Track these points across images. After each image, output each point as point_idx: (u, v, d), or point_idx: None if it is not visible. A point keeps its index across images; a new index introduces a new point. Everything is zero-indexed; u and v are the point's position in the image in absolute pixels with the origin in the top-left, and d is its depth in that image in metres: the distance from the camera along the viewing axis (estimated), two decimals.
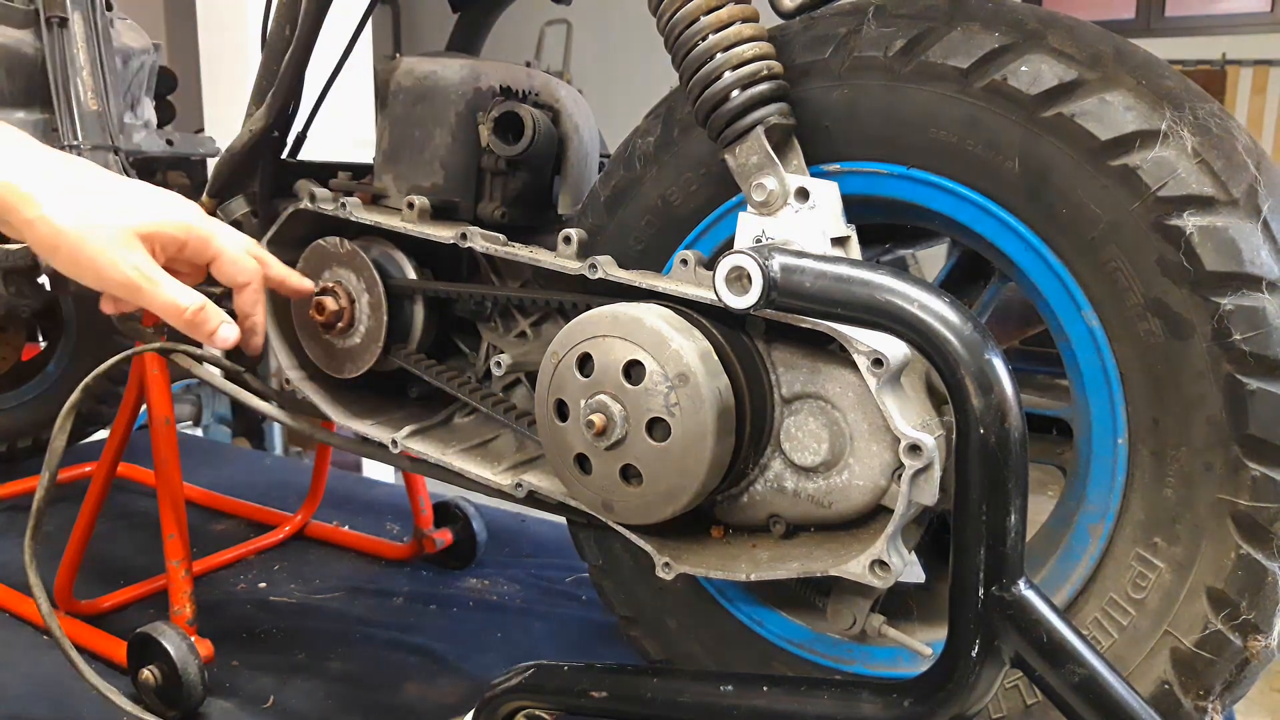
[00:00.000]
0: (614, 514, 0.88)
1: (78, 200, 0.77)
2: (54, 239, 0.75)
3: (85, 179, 0.79)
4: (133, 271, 0.78)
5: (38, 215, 0.75)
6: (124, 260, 0.78)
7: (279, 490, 1.95)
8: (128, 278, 0.78)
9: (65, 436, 1.20)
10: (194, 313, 0.81)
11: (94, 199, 0.78)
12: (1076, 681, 0.66)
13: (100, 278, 0.78)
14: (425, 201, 1.05)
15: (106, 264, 0.77)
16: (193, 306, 0.81)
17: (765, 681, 0.82)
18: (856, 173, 0.85)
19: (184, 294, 0.81)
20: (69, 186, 0.77)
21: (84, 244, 0.76)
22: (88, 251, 0.76)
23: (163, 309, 0.80)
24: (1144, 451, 0.78)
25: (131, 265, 0.78)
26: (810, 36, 0.85)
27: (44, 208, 0.75)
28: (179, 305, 0.80)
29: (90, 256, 0.76)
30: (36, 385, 2.07)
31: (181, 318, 0.81)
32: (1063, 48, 0.76)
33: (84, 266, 0.77)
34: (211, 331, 0.82)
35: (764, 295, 0.70)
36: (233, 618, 1.41)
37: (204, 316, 0.82)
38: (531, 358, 1.06)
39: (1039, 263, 0.79)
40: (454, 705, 1.19)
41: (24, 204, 0.75)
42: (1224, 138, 0.74)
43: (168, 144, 1.76)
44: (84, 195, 0.78)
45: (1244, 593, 0.74)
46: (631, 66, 2.71)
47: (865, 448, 0.83)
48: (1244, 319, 0.71)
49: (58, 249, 0.76)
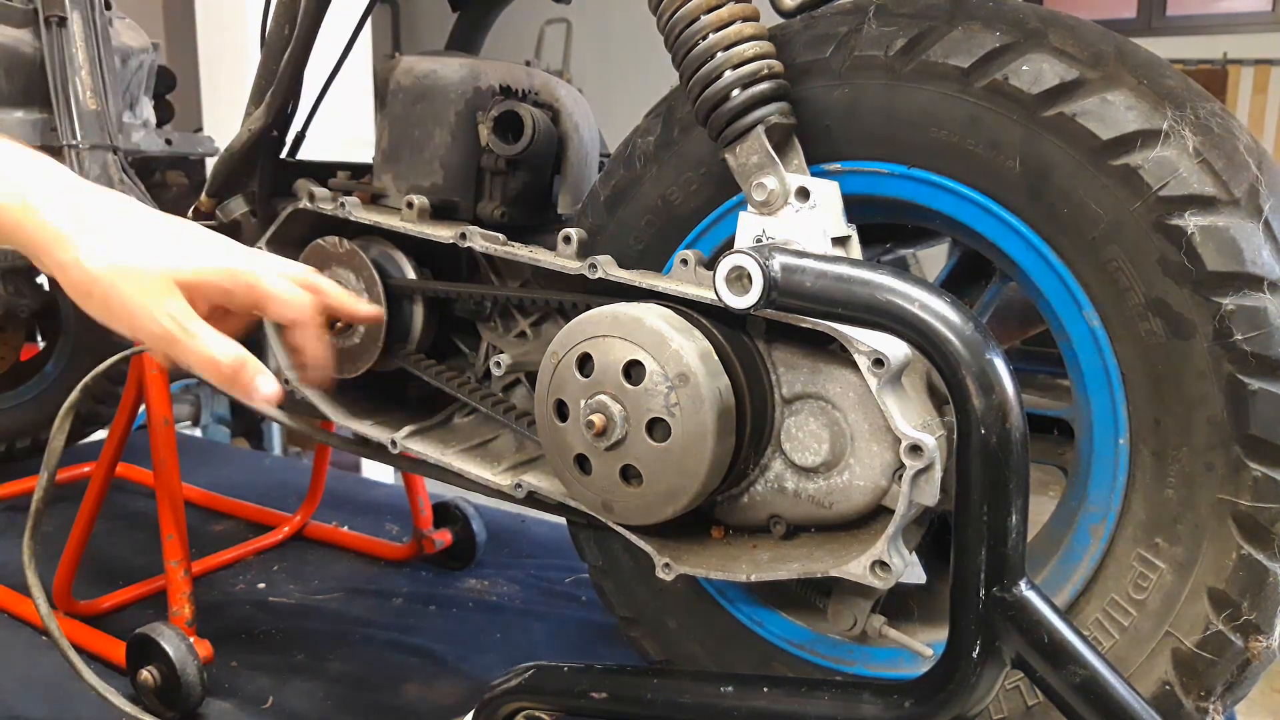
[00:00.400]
0: (614, 514, 0.88)
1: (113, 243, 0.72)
2: (87, 285, 0.71)
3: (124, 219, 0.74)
4: (168, 321, 0.72)
5: (72, 259, 0.70)
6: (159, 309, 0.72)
7: (278, 491, 1.95)
8: (163, 328, 0.72)
9: (64, 436, 1.20)
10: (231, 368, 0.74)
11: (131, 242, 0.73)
12: (1078, 682, 0.66)
13: (134, 327, 0.72)
14: (425, 201, 1.05)
15: (140, 312, 0.71)
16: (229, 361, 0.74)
17: (765, 682, 0.82)
18: (857, 172, 0.85)
19: (221, 347, 0.74)
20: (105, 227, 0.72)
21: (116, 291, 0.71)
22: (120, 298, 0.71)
23: (198, 364, 0.74)
24: (1145, 452, 0.78)
25: (167, 314, 0.72)
26: (811, 35, 0.85)
27: (79, 251, 0.70)
28: (216, 360, 0.73)
29: (123, 304, 0.71)
30: (35, 385, 2.07)
31: (218, 372, 0.74)
32: (1064, 47, 0.76)
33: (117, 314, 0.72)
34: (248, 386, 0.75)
35: (764, 295, 0.70)
36: (232, 618, 1.41)
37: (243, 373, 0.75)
38: (531, 358, 1.05)
39: (1040, 262, 0.79)
40: (454, 706, 1.19)
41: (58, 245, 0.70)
42: (1225, 137, 0.73)
43: (166, 143, 1.76)
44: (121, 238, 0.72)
45: (1245, 593, 0.74)
46: (631, 66, 2.70)
47: (866, 448, 0.83)
48: (1245, 319, 0.71)
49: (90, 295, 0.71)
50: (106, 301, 0.71)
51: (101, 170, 1.54)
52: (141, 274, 0.72)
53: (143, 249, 0.73)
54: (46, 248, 0.71)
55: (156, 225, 0.75)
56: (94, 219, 0.72)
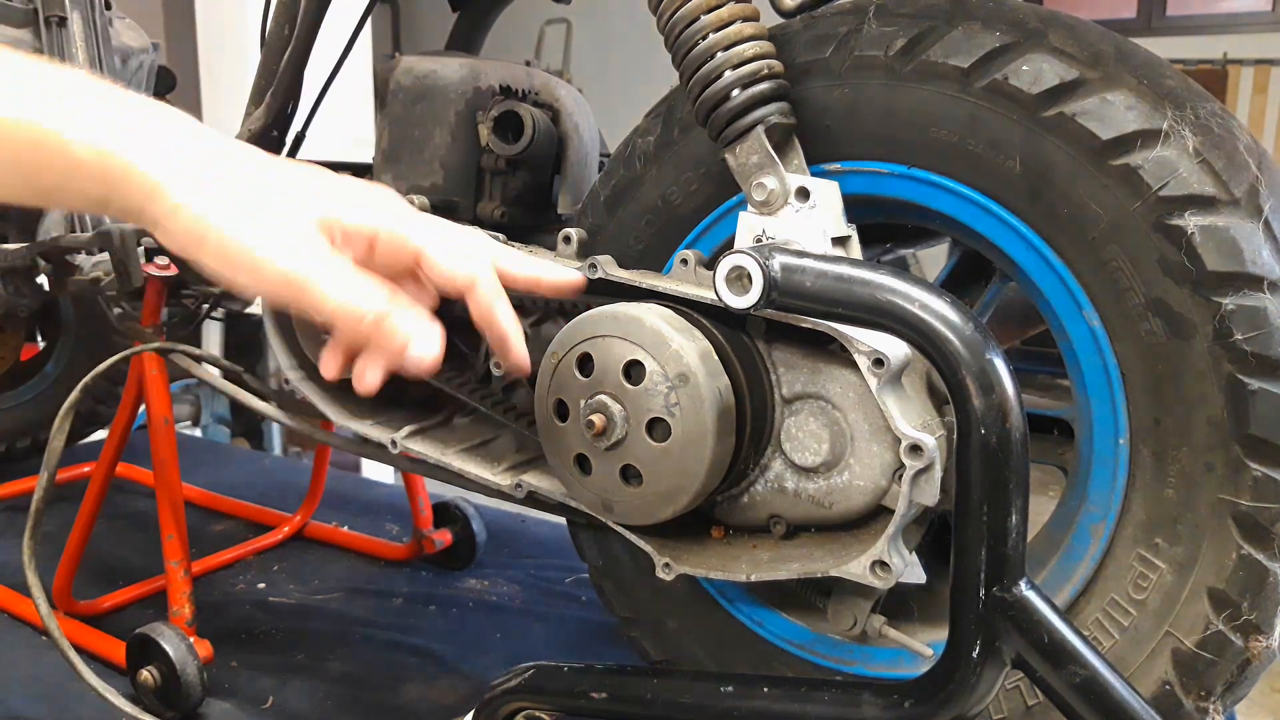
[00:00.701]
0: (614, 514, 0.88)
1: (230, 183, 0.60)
2: (198, 228, 0.59)
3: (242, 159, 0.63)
4: (299, 264, 0.59)
5: (172, 206, 0.59)
6: (290, 249, 0.59)
7: (278, 490, 1.95)
8: (291, 271, 0.59)
9: (64, 437, 1.20)
10: (376, 320, 0.60)
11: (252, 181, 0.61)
12: (1078, 682, 0.66)
13: (257, 273, 0.59)
14: (425, 201, 1.05)
15: (265, 255, 0.58)
16: (372, 310, 0.60)
17: (765, 682, 0.82)
18: (857, 172, 0.85)
19: (364, 294, 0.60)
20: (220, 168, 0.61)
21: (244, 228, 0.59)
22: (245, 240, 0.59)
23: (336, 311, 0.60)
24: (1145, 452, 0.78)
25: (297, 255, 0.59)
26: (811, 35, 0.85)
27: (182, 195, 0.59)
28: (356, 309, 0.60)
29: (248, 247, 0.58)
30: (35, 385, 2.07)
31: (359, 326, 0.60)
32: (1064, 47, 0.76)
33: (237, 259, 0.59)
34: (402, 347, 0.61)
35: (764, 295, 0.70)
36: (232, 618, 1.41)
37: (390, 325, 0.60)
38: (531, 358, 1.05)
39: (1040, 262, 0.79)
40: (454, 706, 1.19)
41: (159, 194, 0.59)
42: (1225, 137, 0.73)
43: None
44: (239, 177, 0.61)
45: (1245, 593, 0.74)
46: (631, 66, 2.70)
47: (866, 448, 0.83)
48: (1245, 319, 0.71)
49: (204, 239, 0.59)
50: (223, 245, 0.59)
51: None
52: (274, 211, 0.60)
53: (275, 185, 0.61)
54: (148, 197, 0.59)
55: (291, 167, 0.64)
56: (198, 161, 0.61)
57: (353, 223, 0.62)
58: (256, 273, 0.59)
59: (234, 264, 0.59)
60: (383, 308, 0.60)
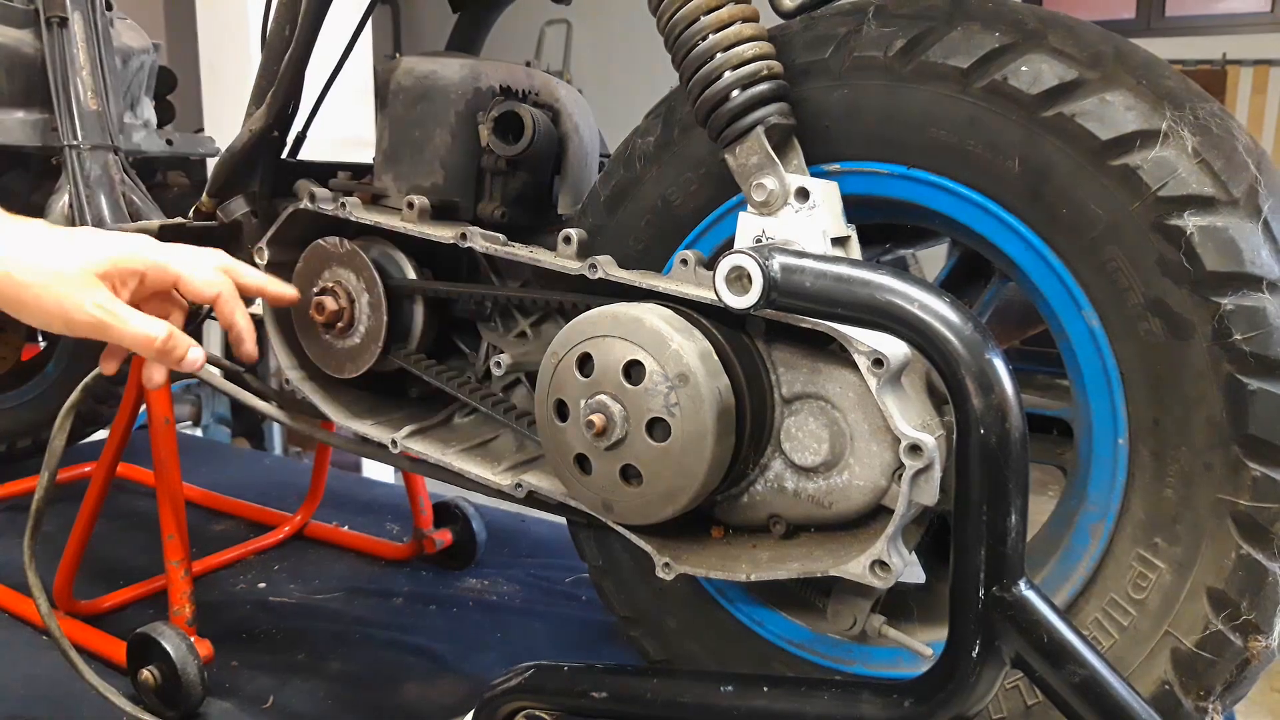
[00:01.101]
0: (614, 514, 0.88)
1: (33, 252, 0.80)
2: (17, 292, 0.79)
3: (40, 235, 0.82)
4: (97, 310, 0.80)
5: (2, 274, 0.78)
6: (88, 301, 0.80)
7: (278, 490, 1.95)
8: (94, 317, 0.80)
9: (65, 436, 1.20)
10: (163, 340, 0.83)
11: (48, 249, 0.81)
12: (1077, 682, 0.66)
13: (69, 321, 0.80)
14: (425, 201, 1.05)
15: (72, 307, 0.80)
16: (161, 336, 0.83)
17: (765, 682, 0.82)
18: (857, 173, 0.85)
19: (150, 325, 0.83)
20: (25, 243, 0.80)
21: (47, 292, 0.79)
22: (52, 299, 0.79)
23: (133, 342, 0.83)
24: (1144, 451, 0.78)
25: (95, 304, 0.80)
26: (810, 36, 0.85)
27: (6, 264, 0.78)
28: (147, 335, 0.83)
29: (56, 302, 0.79)
30: (36, 385, 2.07)
31: (152, 347, 0.83)
32: (1063, 47, 0.76)
33: (51, 314, 0.79)
34: (181, 355, 0.85)
35: (764, 295, 0.70)
36: (232, 618, 1.41)
37: (173, 343, 0.84)
38: (531, 358, 1.06)
39: (1039, 262, 0.79)
40: (454, 705, 1.19)
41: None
42: (1224, 138, 0.73)
43: (167, 144, 1.76)
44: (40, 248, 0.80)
45: (1244, 593, 0.74)
46: (631, 66, 2.72)
47: (865, 448, 0.83)
48: (1244, 319, 0.71)
49: (23, 303, 0.79)
50: (39, 305, 0.79)
51: (102, 170, 1.54)
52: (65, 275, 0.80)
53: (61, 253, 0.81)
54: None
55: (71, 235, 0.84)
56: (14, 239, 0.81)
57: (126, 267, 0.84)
58: (68, 325, 0.81)
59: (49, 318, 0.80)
60: (165, 334, 0.84)
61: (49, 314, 0.80)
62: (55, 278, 0.79)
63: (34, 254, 0.80)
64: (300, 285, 1.12)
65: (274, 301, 1.03)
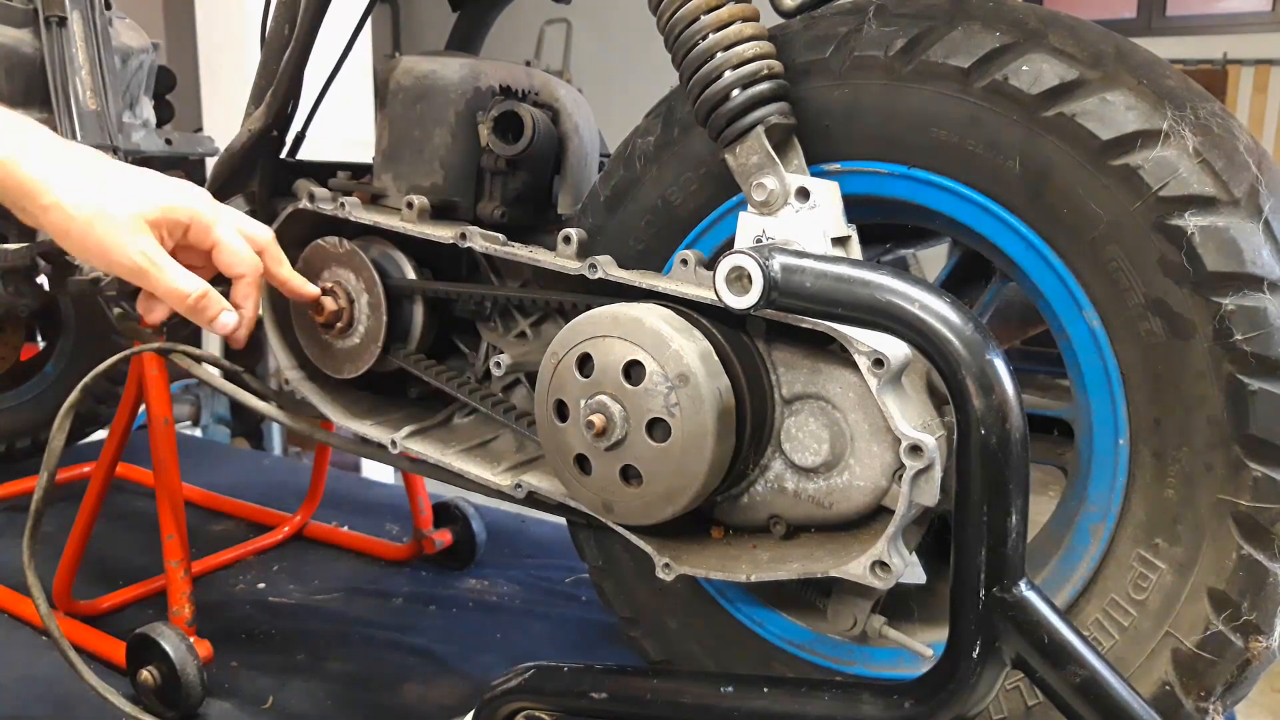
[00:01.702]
0: (614, 515, 0.88)
1: (88, 188, 0.80)
2: (65, 225, 0.79)
3: (96, 167, 0.82)
4: (139, 256, 0.81)
5: (52, 202, 0.78)
6: (131, 245, 0.81)
7: (278, 491, 1.95)
8: (134, 262, 0.81)
9: (64, 436, 1.20)
10: (196, 298, 0.84)
11: (104, 186, 0.81)
12: (1078, 683, 0.66)
13: (108, 261, 0.81)
14: (425, 201, 1.05)
15: (114, 249, 0.80)
16: (195, 292, 0.84)
17: (765, 682, 0.82)
18: (857, 172, 0.85)
19: (187, 280, 0.84)
20: (80, 174, 0.80)
21: (93, 229, 0.79)
22: (96, 237, 0.79)
23: (166, 294, 0.83)
24: (1145, 452, 0.78)
25: (138, 250, 0.81)
26: (811, 36, 0.85)
27: (58, 194, 0.78)
28: (181, 290, 0.83)
29: (98, 241, 0.80)
30: (35, 385, 2.07)
31: (184, 303, 0.84)
32: (1064, 47, 0.76)
33: (93, 251, 0.80)
34: (212, 317, 0.86)
35: (764, 295, 0.70)
36: (232, 618, 1.41)
37: (206, 303, 0.85)
38: (531, 358, 1.05)
39: (1040, 262, 0.79)
40: (454, 706, 1.19)
41: (39, 192, 0.78)
42: (1225, 137, 0.73)
43: (166, 143, 1.75)
44: (94, 183, 0.80)
45: (1245, 593, 0.74)
46: (631, 66, 2.70)
47: (866, 448, 0.83)
48: (1245, 319, 0.71)
49: (69, 234, 0.79)
50: (84, 241, 0.80)
51: None
52: (114, 215, 0.80)
53: (115, 193, 0.81)
54: (31, 194, 0.79)
55: (127, 171, 0.84)
56: (71, 167, 0.81)
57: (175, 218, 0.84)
58: (109, 265, 0.81)
59: (90, 255, 0.81)
60: (199, 291, 0.84)
61: (90, 251, 0.80)
62: (105, 218, 0.80)
63: (87, 188, 0.80)
64: None
65: (294, 296, 1.03)
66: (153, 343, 1.23)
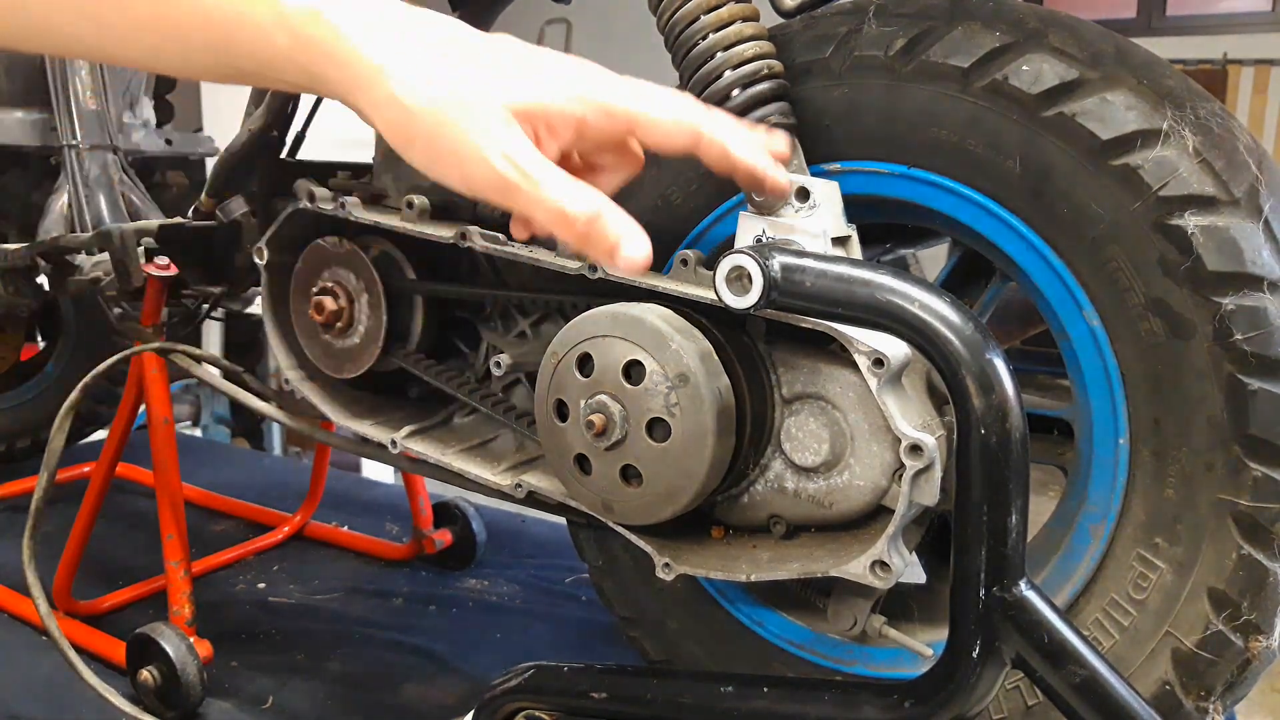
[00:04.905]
0: (614, 514, 0.88)
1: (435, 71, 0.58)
2: (407, 125, 0.58)
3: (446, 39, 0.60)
4: (505, 165, 0.58)
5: (386, 95, 0.57)
6: (493, 150, 0.58)
7: (278, 491, 1.95)
8: (498, 174, 0.58)
9: (64, 436, 1.20)
10: (587, 221, 0.59)
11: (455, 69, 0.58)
12: (1078, 682, 0.66)
13: (465, 175, 0.59)
14: (425, 201, 1.05)
15: (471, 156, 0.58)
16: (585, 213, 0.59)
17: (765, 682, 0.82)
18: (857, 172, 0.85)
19: (573, 196, 0.59)
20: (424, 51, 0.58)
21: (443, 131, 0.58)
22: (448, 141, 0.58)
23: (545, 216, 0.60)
24: (1145, 452, 0.78)
25: (503, 156, 0.58)
26: (811, 36, 0.85)
27: (394, 85, 0.57)
28: (564, 211, 0.59)
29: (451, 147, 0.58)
30: (35, 385, 2.07)
31: (571, 229, 0.60)
32: (1064, 47, 0.76)
33: (445, 162, 0.59)
34: (611, 249, 0.60)
35: (764, 295, 0.70)
36: (232, 618, 1.41)
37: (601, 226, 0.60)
38: (531, 358, 1.05)
39: (1040, 262, 0.79)
40: (453, 706, 1.19)
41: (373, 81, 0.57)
42: (1225, 137, 0.73)
43: (166, 143, 1.76)
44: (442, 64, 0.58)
45: (1245, 593, 0.74)
46: (631, 66, 2.71)
47: (866, 448, 0.83)
48: (1245, 319, 0.71)
49: (412, 139, 0.59)
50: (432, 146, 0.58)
51: (101, 170, 1.54)
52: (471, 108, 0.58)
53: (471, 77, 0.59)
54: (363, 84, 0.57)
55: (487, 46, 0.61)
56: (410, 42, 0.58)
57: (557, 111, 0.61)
58: (465, 179, 0.59)
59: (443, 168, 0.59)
60: (593, 210, 0.59)
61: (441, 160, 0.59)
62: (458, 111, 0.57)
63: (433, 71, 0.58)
64: (299, 286, 1.12)
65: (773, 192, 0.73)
66: (153, 343, 1.23)
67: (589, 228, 0.59)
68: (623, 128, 0.63)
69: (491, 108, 0.58)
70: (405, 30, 0.58)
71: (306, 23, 0.56)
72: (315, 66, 0.57)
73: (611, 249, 0.60)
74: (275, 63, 0.58)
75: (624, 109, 0.63)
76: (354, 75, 0.57)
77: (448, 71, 0.58)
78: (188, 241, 1.24)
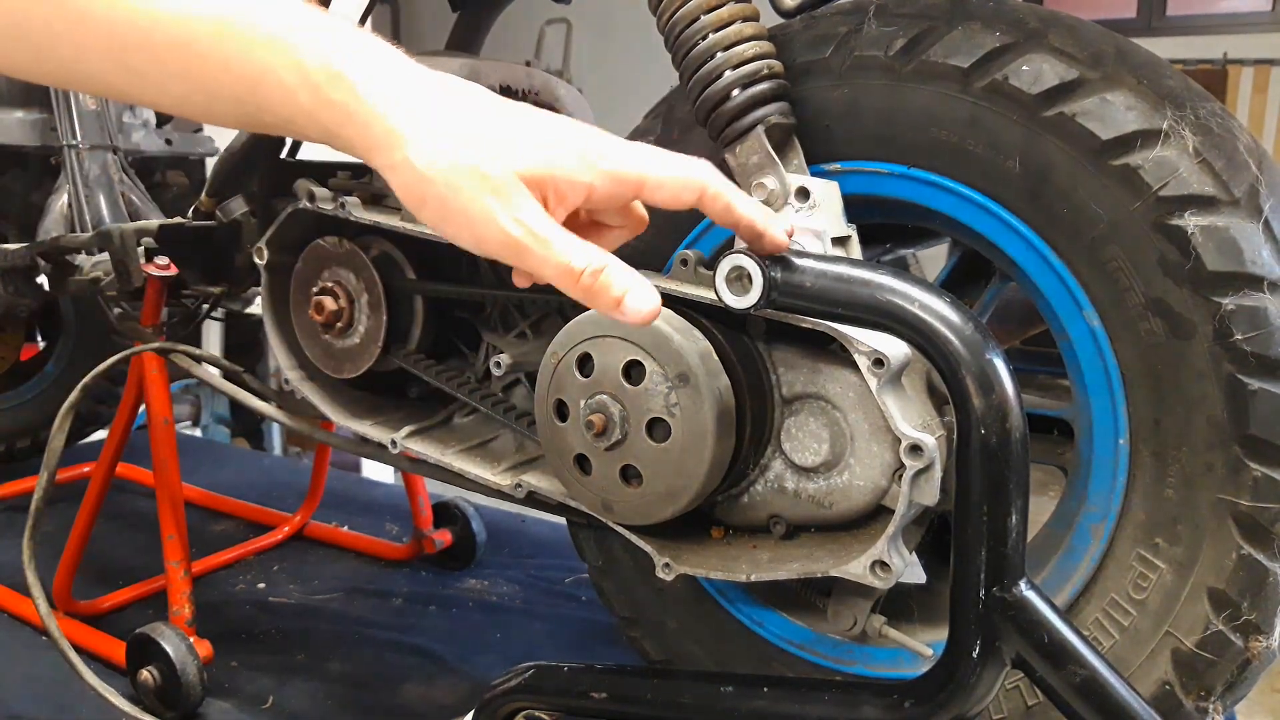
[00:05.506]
0: (614, 515, 0.88)
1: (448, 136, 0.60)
2: (420, 188, 0.60)
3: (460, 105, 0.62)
4: (515, 228, 0.61)
5: (402, 159, 0.60)
6: (502, 214, 0.60)
7: (278, 491, 1.95)
8: (508, 235, 0.61)
9: (64, 436, 1.20)
10: (592, 275, 0.62)
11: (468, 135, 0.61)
12: (1078, 682, 0.66)
13: (476, 236, 0.62)
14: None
15: (481, 219, 0.61)
16: (590, 268, 0.62)
17: (765, 682, 0.82)
18: (857, 172, 0.85)
19: (579, 253, 0.62)
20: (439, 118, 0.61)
21: (456, 195, 0.60)
22: (460, 204, 0.60)
23: (553, 274, 0.62)
24: (1145, 452, 0.78)
25: (512, 219, 0.61)
26: (811, 36, 0.85)
27: (410, 150, 0.59)
28: (572, 268, 0.62)
29: (463, 210, 0.60)
30: (35, 385, 2.07)
31: (576, 284, 0.63)
32: (1064, 47, 0.76)
33: (456, 223, 0.61)
34: (615, 302, 0.63)
35: (764, 295, 0.70)
36: (232, 618, 1.41)
37: (605, 281, 0.63)
38: (531, 358, 1.05)
39: (1040, 262, 0.79)
40: (453, 706, 1.19)
41: (391, 144, 0.60)
42: (1225, 137, 0.73)
43: (166, 143, 1.75)
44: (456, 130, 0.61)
45: (1245, 593, 0.74)
46: (631, 66, 2.69)
47: (866, 448, 0.83)
48: (1245, 319, 0.71)
49: (424, 201, 0.61)
50: (443, 209, 0.61)
51: (101, 170, 1.54)
52: (483, 175, 0.60)
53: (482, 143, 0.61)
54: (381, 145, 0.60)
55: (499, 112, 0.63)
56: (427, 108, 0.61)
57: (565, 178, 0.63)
58: (475, 238, 0.62)
59: (454, 228, 0.62)
60: (596, 264, 0.63)
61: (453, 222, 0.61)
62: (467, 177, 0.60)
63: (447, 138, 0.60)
64: (299, 285, 1.12)
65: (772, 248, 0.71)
66: (153, 343, 1.23)
67: (594, 279, 0.63)
68: (630, 192, 0.66)
69: (503, 175, 0.61)
70: (424, 96, 0.61)
71: (329, 84, 0.58)
72: (335, 126, 0.60)
73: (618, 300, 0.63)
74: (297, 119, 0.60)
75: (633, 175, 0.65)
76: (373, 137, 0.60)
77: (463, 139, 0.60)
78: (188, 241, 1.24)
